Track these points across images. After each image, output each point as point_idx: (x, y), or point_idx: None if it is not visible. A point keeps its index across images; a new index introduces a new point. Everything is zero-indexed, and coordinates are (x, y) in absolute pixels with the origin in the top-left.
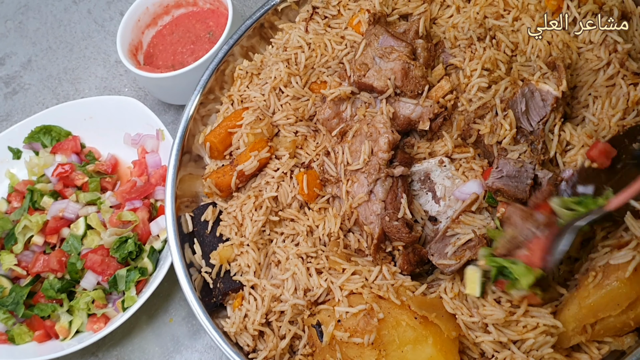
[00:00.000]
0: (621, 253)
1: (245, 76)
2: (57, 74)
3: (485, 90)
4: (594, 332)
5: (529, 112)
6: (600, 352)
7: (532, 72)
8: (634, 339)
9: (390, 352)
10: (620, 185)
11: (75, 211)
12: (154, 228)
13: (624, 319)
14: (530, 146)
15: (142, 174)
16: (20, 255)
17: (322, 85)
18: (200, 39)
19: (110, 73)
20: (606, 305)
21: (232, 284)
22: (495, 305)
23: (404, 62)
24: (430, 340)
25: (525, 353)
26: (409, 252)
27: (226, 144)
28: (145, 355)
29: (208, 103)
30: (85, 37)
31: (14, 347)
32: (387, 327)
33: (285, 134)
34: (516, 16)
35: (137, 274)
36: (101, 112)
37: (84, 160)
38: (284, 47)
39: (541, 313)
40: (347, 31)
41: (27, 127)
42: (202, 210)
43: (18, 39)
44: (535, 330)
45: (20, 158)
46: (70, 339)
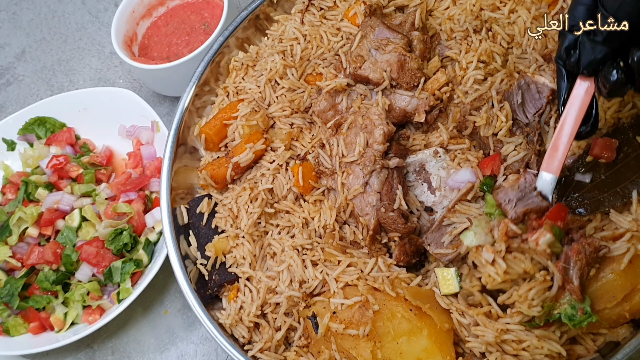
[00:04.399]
0: (616, 245)
1: (240, 68)
2: (51, 65)
3: (481, 82)
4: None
5: (524, 104)
6: (595, 344)
7: (528, 65)
8: (628, 330)
9: (385, 344)
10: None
11: (70, 203)
12: (149, 220)
13: (619, 310)
14: (526, 138)
15: (137, 165)
16: (15, 247)
17: (317, 77)
18: (196, 31)
19: (104, 64)
20: (601, 297)
21: (228, 276)
22: (487, 323)
23: (399, 54)
24: (425, 332)
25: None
26: (405, 243)
27: (221, 135)
28: (141, 347)
29: (203, 95)
30: (80, 28)
31: (9, 338)
32: (382, 319)
33: (280, 126)
34: (512, 8)
35: (132, 265)
36: (96, 103)
37: (79, 152)
38: (279, 38)
39: (549, 337)
40: (343, 23)
41: (21, 119)
42: (197, 202)
43: (12, 29)
44: (536, 350)
45: (14, 150)
46: (66, 330)
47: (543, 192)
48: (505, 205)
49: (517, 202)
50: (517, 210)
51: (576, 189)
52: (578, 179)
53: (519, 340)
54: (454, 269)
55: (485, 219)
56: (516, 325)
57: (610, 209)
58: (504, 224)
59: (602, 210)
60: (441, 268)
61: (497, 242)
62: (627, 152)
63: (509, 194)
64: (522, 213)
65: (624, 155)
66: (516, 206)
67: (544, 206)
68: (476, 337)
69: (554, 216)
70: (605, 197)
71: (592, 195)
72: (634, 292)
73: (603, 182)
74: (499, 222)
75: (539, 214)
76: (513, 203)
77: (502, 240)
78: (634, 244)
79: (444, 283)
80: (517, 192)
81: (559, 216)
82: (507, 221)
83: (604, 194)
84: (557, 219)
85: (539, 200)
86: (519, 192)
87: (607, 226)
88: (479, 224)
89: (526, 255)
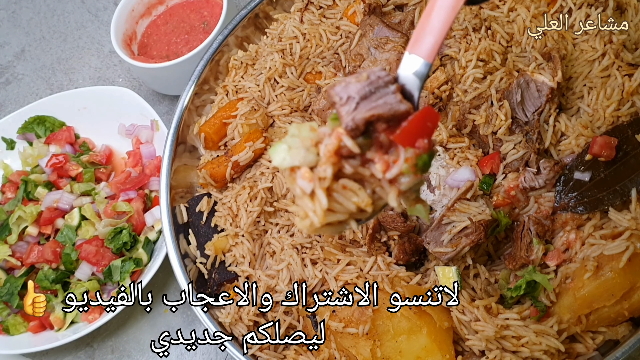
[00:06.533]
0: (615, 243)
1: (240, 66)
2: (50, 64)
3: (481, 81)
4: (588, 322)
5: (524, 102)
6: (594, 342)
7: (528, 63)
8: (627, 328)
9: (385, 342)
10: (619, 175)
11: (70, 202)
12: (149, 219)
13: (618, 309)
14: (525, 136)
15: (136, 164)
16: (15, 246)
17: (317, 75)
18: (195, 29)
19: (104, 63)
20: (601, 295)
21: (227, 275)
22: (487, 319)
23: (399, 53)
24: (424, 331)
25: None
26: (404, 242)
27: (221, 134)
28: (140, 346)
29: (203, 93)
30: (79, 27)
31: (9, 337)
32: (382, 318)
33: (280, 125)
34: (512, 7)
35: (132, 264)
36: (95, 102)
37: (78, 150)
38: (278, 37)
39: (547, 333)
40: (342, 21)
41: (21, 118)
42: (196, 201)
43: (11, 28)
44: (534, 346)
45: (14, 149)
46: (65, 329)
47: (407, 86)
48: (340, 104)
49: (361, 101)
50: (357, 114)
51: (575, 187)
52: (577, 177)
53: (518, 336)
54: (455, 267)
55: (309, 126)
56: (515, 321)
57: (609, 208)
58: (336, 135)
59: (601, 208)
60: (442, 266)
61: (321, 164)
62: (627, 151)
63: (349, 88)
64: (365, 120)
65: (623, 153)
66: (357, 108)
67: (401, 110)
68: (476, 333)
69: (417, 128)
70: (604, 195)
71: (591, 194)
72: (633, 290)
73: (602, 181)
74: (332, 130)
75: (392, 123)
76: (353, 102)
77: (329, 162)
78: (633, 243)
79: (445, 281)
80: (364, 85)
81: (423, 129)
82: (340, 131)
83: (603, 192)
84: (421, 133)
85: (397, 100)
86: (366, 86)
87: (606, 224)
88: (297, 133)
89: (365, 185)
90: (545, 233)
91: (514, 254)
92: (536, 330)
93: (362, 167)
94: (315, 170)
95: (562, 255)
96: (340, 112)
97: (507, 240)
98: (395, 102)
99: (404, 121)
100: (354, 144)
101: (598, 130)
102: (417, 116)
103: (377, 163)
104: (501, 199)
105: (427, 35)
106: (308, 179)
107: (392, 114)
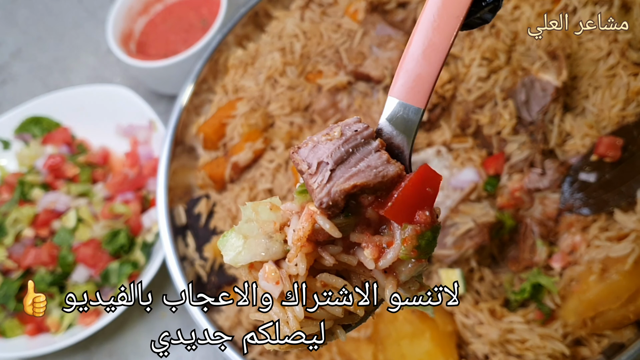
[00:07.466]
0: (621, 245)
1: (239, 65)
2: (47, 64)
3: (485, 80)
4: (593, 325)
5: (529, 102)
6: (600, 345)
7: (532, 62)
8: (633, 331)
9: (387, 347)
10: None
11: (66, 203)
12: (146, 221)
13: (623, 311)
14: (530, 137)
15: (134, 165)
16: (11, 248)
17: (318, 74)
18: (193, 28)
19: (101, 62)
20: (606, 298)
21: (226, 278)
22: (491, 322)
23: (401, 52)
24: (427, 335)
25: None
26: None
27: (220, 134)
28: (138, 350)
29: (201, 93)
30: (76, 26)
31: (5, 340)
32: (384, 322)
33: (280, 125)
34: (516, 5)
35: (129, 267)
36: (92, 102)
37: (75, 151)
38: (278, 35)
39: (551, 336)
40: (343, 19)
41: (17, 118)
42: (195, 203)
43: (7, 27)
44: (539, 350)
45: (10, 149)
46: (62, 333)
47: (394, 140)
48: (310, 174)
49: (337, 167)
50: (334, 186)
51: (581, 188)
52: (583, 178)
53: (523, 340)
54: (459, 270)
55: (269, 204)
56: (520, 324)
57: (614, 209)
58: (307, 215)
59: (606, 210)
60: (446, 269)
61: (291, 257)
62: (632, 151)
63: (319, 150)
64: (344, 193)
65: (629, 154)
66: (332, 177)
67: (390, 175)
68: (480, 336)
69: (413, 197)
70: (609, 196)
71: (597, 195)
72: (639, 293)
73: (608, 182)
74: (300, 207)
75: (380, 192)
76: (326, 170)
77: (301, 253)
78: (639, 245)
79: (448, 284)
80: (338, 145)
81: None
82: (312, 209)
83: (609, 193)
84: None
85: (382, 161)
86: (340, 145)
87: (611, 226)
88: (254, 216)
89: (351, 277)
90: (549, 234)
91: (517, 256)
92: (541, 333)
93: (347, 254)
94: (283, 264)
95: (567, 258)
96: (310, 185)
97: (511, 242)
98: (381, 165)
99: (394, 189)
100: (332, 226)
101: (604, 130)
102: (412, 181)
103: (366, 248)
104: (505, 201)
105: (414, 74)
106: (273, 279)
107: (378, 181)
